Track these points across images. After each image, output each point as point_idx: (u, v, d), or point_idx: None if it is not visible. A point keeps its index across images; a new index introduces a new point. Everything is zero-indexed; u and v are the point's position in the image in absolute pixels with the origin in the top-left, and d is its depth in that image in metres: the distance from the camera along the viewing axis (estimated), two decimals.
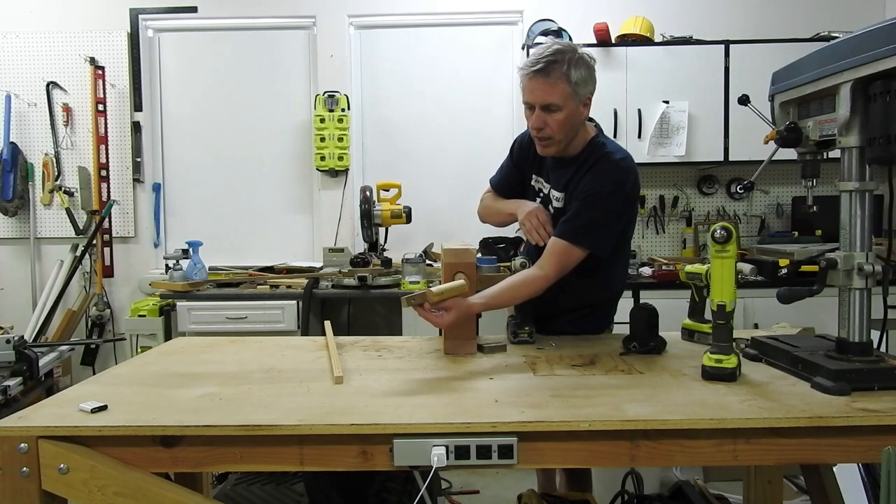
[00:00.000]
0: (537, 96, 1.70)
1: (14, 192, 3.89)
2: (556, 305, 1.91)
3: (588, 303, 1.98)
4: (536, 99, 1.71)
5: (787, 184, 3.96)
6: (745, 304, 3.22)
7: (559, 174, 1.87)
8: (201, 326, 3.31)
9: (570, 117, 1.73)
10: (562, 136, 1.76)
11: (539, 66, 1.67)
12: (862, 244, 1.37)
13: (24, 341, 2.70)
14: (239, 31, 4.08)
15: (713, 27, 3.81)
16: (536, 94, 1.70)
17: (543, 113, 1.72)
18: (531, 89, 1.71)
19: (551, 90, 1.68)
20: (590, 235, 1.75)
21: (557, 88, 1.68)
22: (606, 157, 1.79)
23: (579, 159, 1.82)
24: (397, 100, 4.07)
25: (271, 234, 4.15)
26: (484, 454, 1.16)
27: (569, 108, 1.71)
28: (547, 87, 1.68)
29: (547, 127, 1.74)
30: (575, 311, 1.97)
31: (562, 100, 1.69)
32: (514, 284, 1.71)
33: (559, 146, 1.79)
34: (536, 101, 1.71)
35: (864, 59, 1.27)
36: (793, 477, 2.66)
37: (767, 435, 1.18)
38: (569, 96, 1.70)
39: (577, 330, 1.95)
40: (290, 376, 1.51)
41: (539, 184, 1.95)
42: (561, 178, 1.86)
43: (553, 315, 1.94)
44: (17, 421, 1.21)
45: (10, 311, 3.96)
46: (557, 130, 1.74)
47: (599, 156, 1.80)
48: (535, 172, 1.96)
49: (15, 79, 3.97)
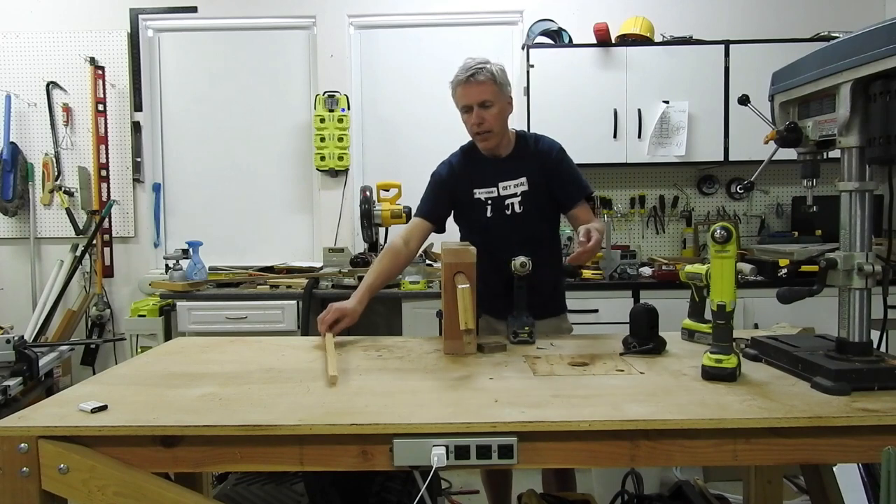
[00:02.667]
0: (473, 97, 2.00)
1: (14, 192, 3.89)
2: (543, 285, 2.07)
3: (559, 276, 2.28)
4: (473, 99, 2.00)
5: (787, 184, 3.97)
6: (745, 304, 3.22)
7: (506, 169, 2.11)
8: (201, 326, 3.32)
9: (502, 112, 2.05)
10: (498, 128, 2.05)
11: (470, 72, 1.99)
12: (862, 244, 1.37)
13: (24, 341, 2.69)
14: (239, 31, 4.09)
15: (713, 27, 3.82)
16: (473, 95, 2.00)
17: (481, 110, 2.01)
18: (467, 93, 2.01)
19: (484, 89, 2.00)
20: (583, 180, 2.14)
21: (488, 87, 2.00)
22: (536, 136, 2.19)
23: (518, 149, 2.13)
24: (397, 100, 4.07)
25: (271, 234, 4.15)
26: (484, 454, 1.16)
27: (499, 103, 2.03)
28: (480, 88, 1.99)
29: (485, 122, 2.02)
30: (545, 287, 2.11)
31: (493, 96, 2.01)
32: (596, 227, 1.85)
33: (498, 138, 2.08)
34: (473, 101, 2.01)
35: (864, 59, 1.27)
36: (793, 477, 2.66)
37: (767, 435, 1.18)
38: (497, 93, 2.02)
39: (552, 310, 2.15)
40: (290, 376, 1.51)
41: (484, 193, 2.12)
42: (510, 169, 2.10)
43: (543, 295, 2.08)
44: (17, 421, 1.21)
45: (10, 311, 3.97)
46: (495, 123, 2.03)
47: (534, 137, 2.18)
48: (477, 186, 2.13)
49: (15, 79, 3.98)
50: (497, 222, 2.10)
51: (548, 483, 2.26)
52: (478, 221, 2.13)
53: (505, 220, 2.10)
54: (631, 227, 4.01)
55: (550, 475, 2.26)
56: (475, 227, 2.15)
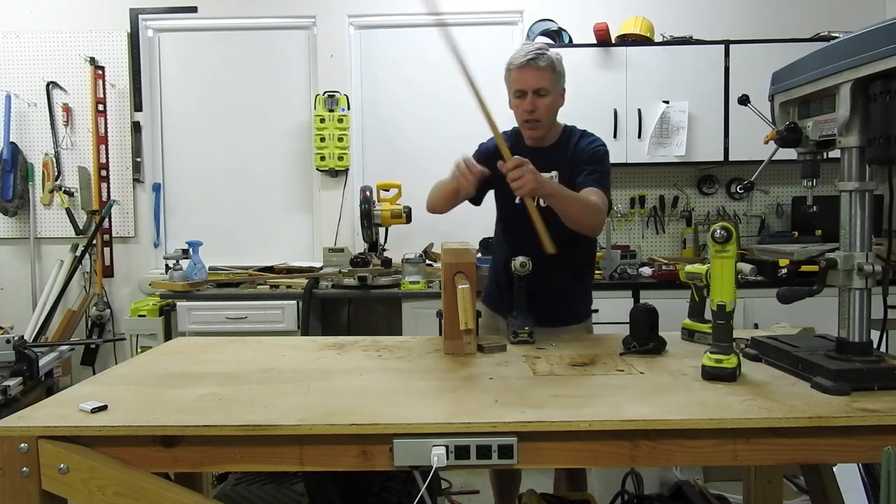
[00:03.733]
0: (531, 82, 1.93)
1: (14, 192, 3.89)
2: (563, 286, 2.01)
3: (584, 280, 2.16)
4: (530, 85, 1.93)
5: (787, 184, 3.96)
6: (745, 304, 3.22)
7: (543, 159, 1.98)
8: (201, 326, 3.32)
9: (555, 102, 1.99)
10: (548, 118, 1.99)
11: (530, 56, 1.92)
12: (862, 244, 1.37)
13: (24, 341, 2.69)
14: (239, 31, 4.09)
15: (713, 27, 3.81)
16: (530, 80, 1.93)
17: (535, 97, 1.94)
18: (524, 77, 1.94)
19: (542, 76, 1.93)
20: (605, 186, 1.97)
21: (546, 75, 1.94)
22: (585, 133, 2.09)
23: (560, 141, 2.06)
24: (397, 100, 4.07)
25: (271, 234, 4.15)
26: (484, 454, 1.16)
27: (554, 93, 1.96)
28: (539, 73, 1.93)
29: (538, 110, 1.95)
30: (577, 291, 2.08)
31: (550, 84, 1.95)
32: (576, 195, 1.82)
33: (545, 129, 2.02)
34: (530, 87, 1.94)
35: (864, 59, 1.27)
36: (793, 477, 2.66)
37: (767, 435, 1.18)
38: (554, 83, 1.96)
39: (567, 315, 2.07)
40: (290, 376, 1.51)
41: None
42: (547, 160, 1.99)
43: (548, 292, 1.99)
44: (17, 421, 1.21)
45: (10, 311, 3.97)
46: (546, 113, 1.97)
47: (579, 133, 2.08)
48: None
49: (15, 79, 3.98)
50: (525, 211, 1.98)
51: (558, 483, 2.23)
52: (509, 205, 2.06)
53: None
54: (631, 227, 4.01)
55: (561, 475, 2.23)
56: (504, 212, 2.12)
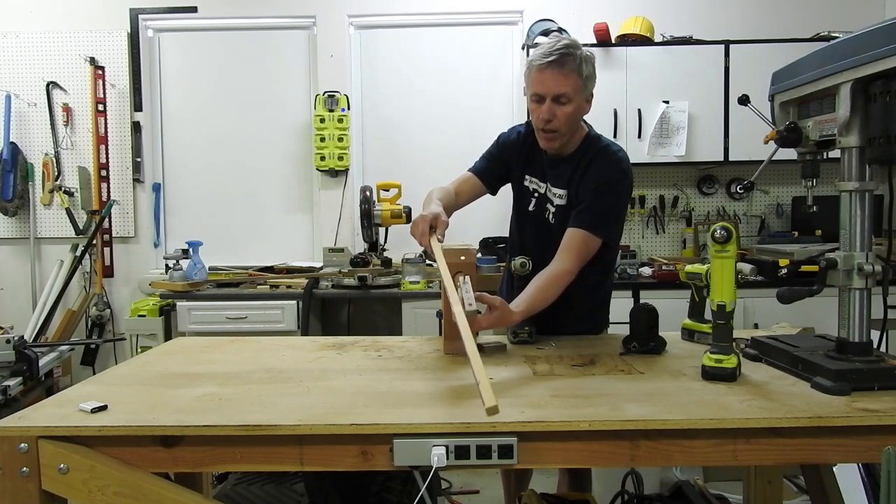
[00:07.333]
0: (550, 87, 1.70)
1: (14, 192, 3.89)
2: (567, 302, 1.85)
3: (593, 297, 1.99)
4: (549, 90, 1.71)
5: (787, 184, 3.97)
6: (745, 304, 3.22)
7: (558, 171, 1.87)
8: (201, 326, 3.32)
9: (577, 111, 1.76)
10: (567, 129, 1.77)
11: (553, 57, 1.68)
12: (862, 244, 1.37)
13: (24, 341, 2.69)
14: (239, 31, 4.09)
15: (713, 27, 3.81)
16: (549, 84, 1.70)
17: (553, 104, 1.72)
18: (543, 80, 1.71)
19: (564, 81, 1.69)
20: (604, 224, 1.78)
21: (570, 80, 1.70)
22: (606, 150, 1.83)
23: (578, 155, 1.84)
24: (397, 100, 4.07)
25: (271, 234, 4.15)
26: (484, 454, 1.16)
27: (577, 101, 1.73)
28: (561, 78, 1.69)
29: (555, 119, 1.74)
30: (581, 307, 1.95)
31: (573, 91, 1.71)
32: (542, 286, 1.70)
33: (563, 139, 1.80)
34: (549, 92, 1.71)
35: (864, 59, 1.26)
36: (793, 477, 2.66)
37: (767, 435, 1.18)
38: (579, 89, 1.72)
39: (581, 328, 1.95)
40: (290, 376, 1.51)
41: (533, 184, 1.94)
42: (561, 175, 1.86)
43: (560, 311, 1.87)
44: (17, 421, 1.20)
45: (10, 311, 3.97)
46: (564, 123, 1.75)
47: (598, 149, 1.83)
48: (529, 173, 1.94)
49: (15, 79, 3.98)
50: (537, 220, 1.92)
51: (562, 482, 2.21)
52: (524, 208, 1.96)
53: (543, 222, 1.91)
54: (631, 227, 4.01)
55: (565, 475, 2.20)
56: (517, 213, 2.01)
